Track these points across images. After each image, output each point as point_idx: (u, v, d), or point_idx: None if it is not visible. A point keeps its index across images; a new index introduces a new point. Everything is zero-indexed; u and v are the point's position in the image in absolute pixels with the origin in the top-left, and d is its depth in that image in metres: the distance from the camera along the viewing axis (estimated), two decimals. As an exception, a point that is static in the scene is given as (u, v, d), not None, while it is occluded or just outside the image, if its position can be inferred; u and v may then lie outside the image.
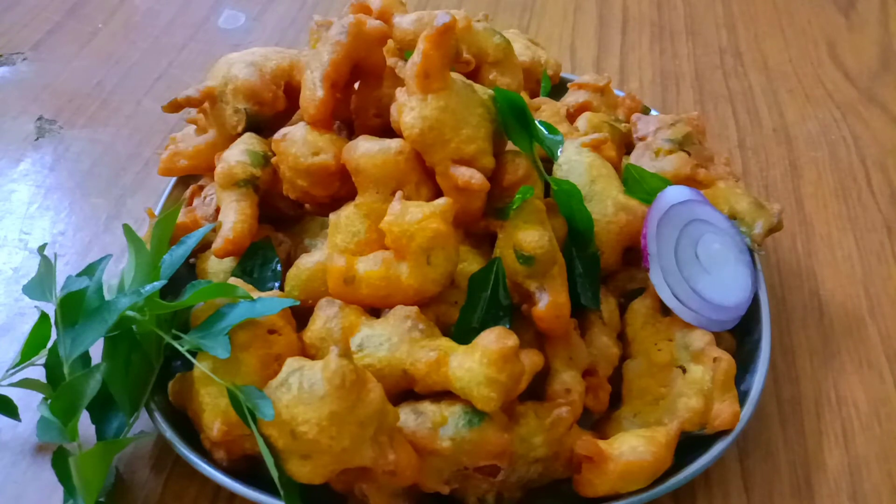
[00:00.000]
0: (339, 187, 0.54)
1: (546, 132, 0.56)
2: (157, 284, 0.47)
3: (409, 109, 0.49)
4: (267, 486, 0.44)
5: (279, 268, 0.53)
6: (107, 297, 0.49)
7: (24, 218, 0.71)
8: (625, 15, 0.99)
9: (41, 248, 0.52)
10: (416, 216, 0.47)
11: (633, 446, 0.46)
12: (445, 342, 0.46)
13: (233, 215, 0.53)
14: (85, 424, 0.48)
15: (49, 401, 0.46)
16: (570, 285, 0.50)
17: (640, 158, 0.62)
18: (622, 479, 0.46)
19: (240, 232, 0.52)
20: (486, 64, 0.58)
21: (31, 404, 0.51)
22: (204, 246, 0.55)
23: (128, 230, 0.49)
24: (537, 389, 0.49)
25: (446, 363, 0.45)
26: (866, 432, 0.56)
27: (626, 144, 0.66)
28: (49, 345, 0.51)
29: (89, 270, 0.50)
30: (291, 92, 0.59)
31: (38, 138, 0.78)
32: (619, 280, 0.57)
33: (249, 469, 0.48)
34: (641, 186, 0.58)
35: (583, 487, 0.47)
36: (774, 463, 0.54)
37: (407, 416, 0.45)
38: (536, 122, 0.53)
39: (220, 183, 0.55)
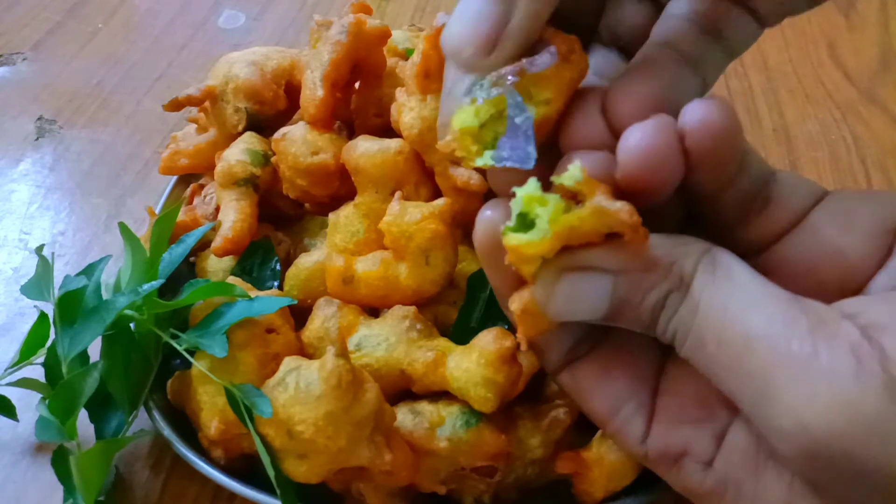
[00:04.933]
0: (339, 187, 0.54)
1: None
2: (155, 283, 0.47)
3: (409, 110, 0.49)
4: (265, 485, 0.44)
5: (278, 267, 0.53)
6: (105, 296, 0.49)
7: (24, 218, 0.71)
8: (625, 15, 0.98)
9: (39, 249, 0.52)
10: (415, 216, 0.47)
11: (610, 445, 0.46)
12: (443, 342, 0.46)
13: (232, 214, 0.53)
14: (84, 425, 0.48)
15: (47, 400, 0.46)
16: (568, 285, 0.50)
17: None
18: (611, 479, 0.45)
19: (239, 231, 0.52)
20: None
21: (30, 404, 0.51)
22: (204, 244, 0.55)
23: (124, 228, 0.49)
24: (535, 391, 0.49)
25: (444, 363, 0.45)
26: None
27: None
28: (48, 344, 0.51)
29: (88, 270, 0.50)
30: (292, 91, 0.59)
31: (38, 138, 0.78)
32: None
33: (248, 468, 0.48)
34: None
35: (582, 498, 0.47)
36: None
37: (404, 416, 0.45)
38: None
39: (219, 182, 0.55)
